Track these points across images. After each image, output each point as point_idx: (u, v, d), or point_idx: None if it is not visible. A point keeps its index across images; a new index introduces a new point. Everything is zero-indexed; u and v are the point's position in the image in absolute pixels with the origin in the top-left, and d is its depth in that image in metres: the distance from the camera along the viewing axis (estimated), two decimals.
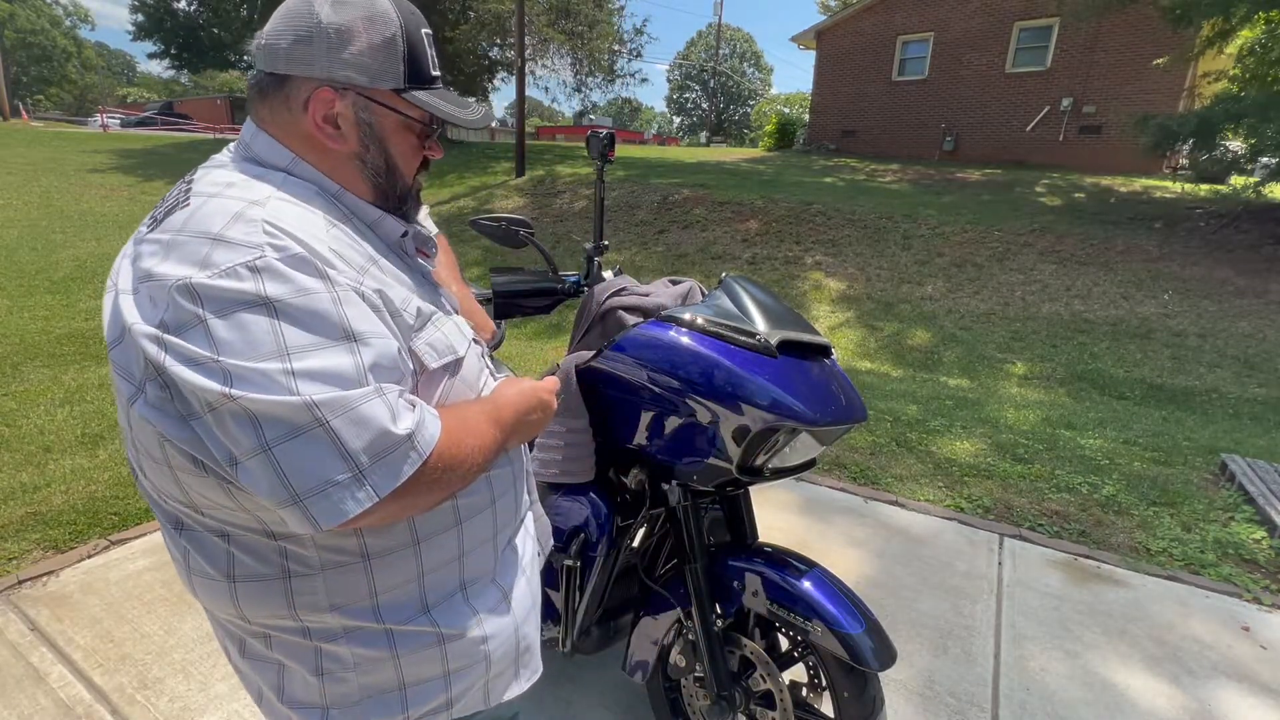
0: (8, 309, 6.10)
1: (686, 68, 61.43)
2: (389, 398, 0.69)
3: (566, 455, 1.50)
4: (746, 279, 1.45)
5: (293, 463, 0.65)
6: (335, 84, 0.79)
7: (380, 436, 0.67)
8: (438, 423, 0.75)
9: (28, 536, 2.58)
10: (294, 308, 0.66)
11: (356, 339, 0.69)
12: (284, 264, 0.67)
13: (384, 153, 0.84)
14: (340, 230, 0.78)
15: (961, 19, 15.70)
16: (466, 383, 0.88)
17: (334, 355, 0.67)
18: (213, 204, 0.72)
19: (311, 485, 0.65)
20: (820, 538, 2.88)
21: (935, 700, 1.97)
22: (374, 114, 0.82)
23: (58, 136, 20.38)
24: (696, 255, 9.40)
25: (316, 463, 0.65)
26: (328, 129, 0.80)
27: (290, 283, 0.67)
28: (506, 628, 0.96)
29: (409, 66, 0.82)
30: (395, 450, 0.68)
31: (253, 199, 0.72)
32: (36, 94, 49.37)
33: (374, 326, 0.72)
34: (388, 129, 0.84)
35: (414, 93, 0.83)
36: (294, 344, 0.65)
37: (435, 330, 0.84)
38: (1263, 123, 7.62)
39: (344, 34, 0.77)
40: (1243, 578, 2.69)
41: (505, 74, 24.57)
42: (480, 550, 0.93)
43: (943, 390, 5.37)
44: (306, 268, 0.69)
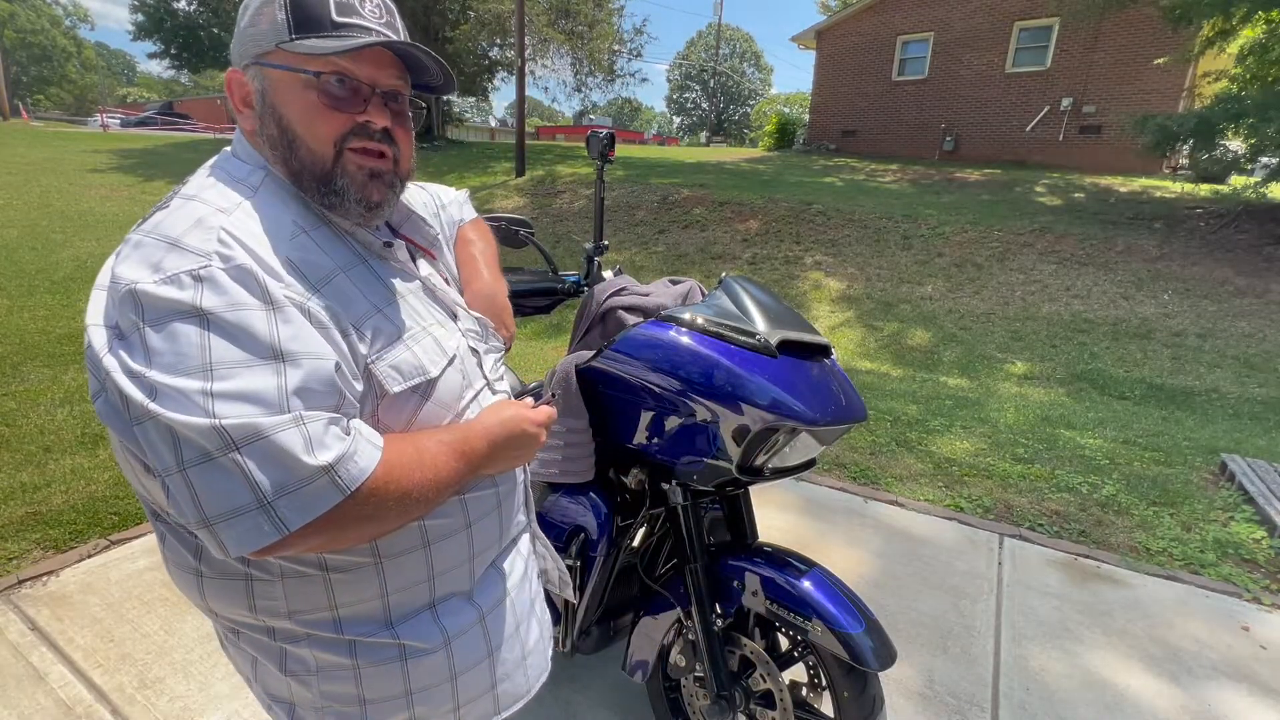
0: (8, 309, 6.10)
1: (686, 68, 61.44)
2: (309, 426, 0.65)
3: (566, 455, 1.50)
4: (746, 279, 1.45)
5: (205, 485, 0.63)
6: (242, 63, 0.77)
7: (291, 469, 0.64)
8: (376, 453, 0.70)
9: (28, 536, 2.58)
10: (226, 322, 0.64)
11: (285, 359, 0.66)
12: (226, 274, 0.65)
13: (277, 119, 0.76)
14: (308, 238, 0.75)
15: (961, 19, 15.70)
16: (442, 404, 0.83)
17: (258, 376, 0.64)
18: (186, 208, 0.71)
19: (221, 510, 0.63)
20: (820, 538, 2.88)
21: (935, 700, 1.97)
22: (265, 79, 0.76)
23: (58, 136, 20.38)
24: (696, 255, 9.40)
25: (226, 489, 0.63)
26: (244, 111, 0.77)
27: (226, 295, 0.65)
28: (479, 651, 0.91)
29: (292, 15, 0.74)
30: (309, 484, 0.64)
31: (221, 205, 0.71)
32: (36, 94, 49.37)
33: (309, 346, 0.68)
34: (278, 91, 0.76)
35: (298, 41, 0.73)
36: (219, 360, 0.63)
37: (404, 350, 0.79)
38: (1263, 122, 7.62)
39: (247, 16, 0.76)
40: (1243, 578, 2.69)
41: (505, 74, 24.58)
42: (455, 572, 0.89)
43: (943, 390, 5.37)
44: (248, 280, 0.66)
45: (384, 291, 0.81)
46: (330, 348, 0.70)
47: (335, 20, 0.74)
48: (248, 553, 0.65)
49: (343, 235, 0.81)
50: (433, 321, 0.86)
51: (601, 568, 1.54)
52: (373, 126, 0.78)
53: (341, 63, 0.75)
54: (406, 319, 0.81)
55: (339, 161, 0.77)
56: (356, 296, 0.77)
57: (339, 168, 0.78)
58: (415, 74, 0.84)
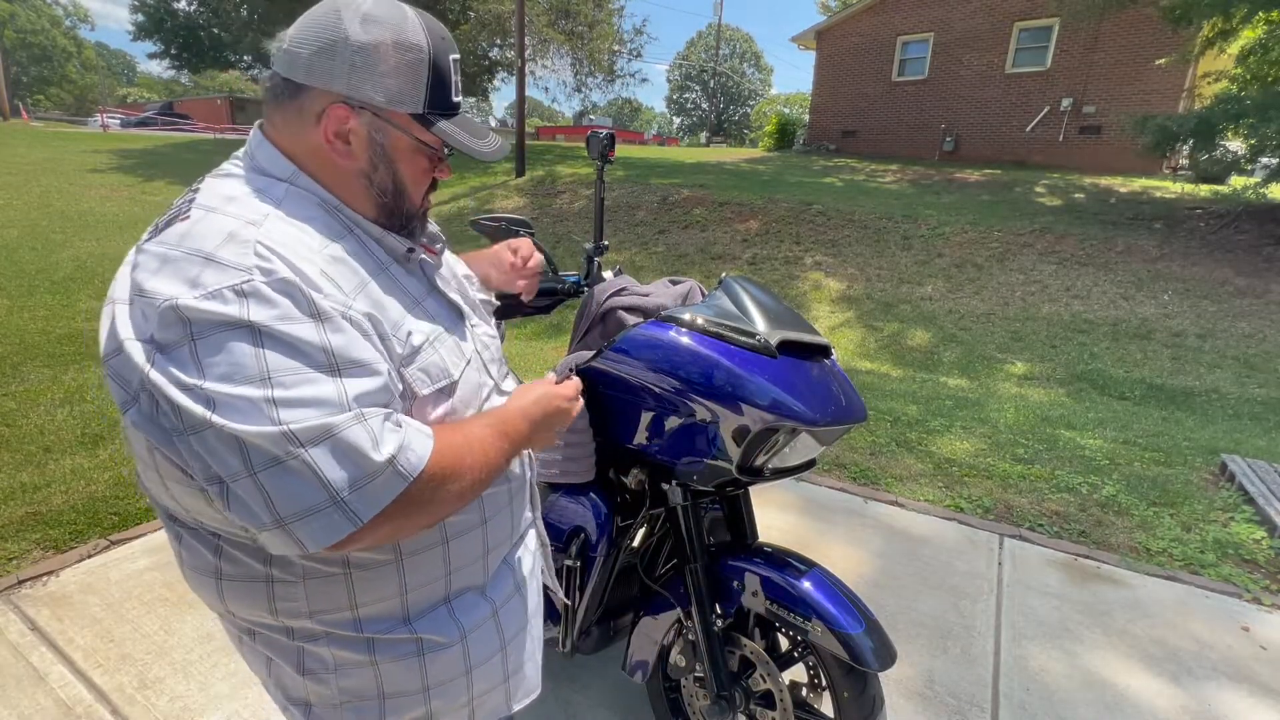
0: (8, 309, 6.10)
1: (686, 68, 61.44)
2: (371, 423, 0.68)
3: (566, 455, 1.50)
4: (746, 279, 1.45)
5: (277, 487, 0.65)
6: (352, 102, 0.77)
7: (360, 464, 0.67)
8: (428, 443, 0.73)
9: (28, 536, 2.58)
10: (278, 333, 0.66)
11: (339, 365, 0.69)
12: (270, 288, 0.67)
13: (393, 173, 0.83)
14: (338, 247, 0.78)
15: (961, 19, 15.70)
16: (464, 401, 0.87)
17: (315, 382, 0.67)
18: (210, 220, 0.71)
19: (295, 510, 0.65)
20: (820, 538, 2.88)
21: (935, 700, 1.97)
22: (388, 136, 0.81)
23: (58, 137, 20.38)
24: (696, 255, 9.40)
25: (298, 489, 0.65)
26: (338, 144, 0.79)
27: (275, 308, 0.66)
28: (493, 645, 0.94)
29: (431, 93, 0.80)
30: (376, 477, 0.68)
31: (250, 218, 0.72)
32: (36, 94, 49.36)
33: (360, 353, 0.71)
34: (400, 151, 0.82)
35: (434, 121, 0.82)
36: (276, 369, 0.65)
37: (431, 353, 0.82)
38: (1263, 123, 7.62)
39: (369, 53, 0.76)
40: (1243, 578, 2.69)
41: (505, 74, 24.60)
42: (470, 568, 0.92)
43: (943, 390, 5.37)
44: (293, 292, 0.68)
45: (407, 297, 0.84)
46: (376, 353, 0.74)
47: (454, 100, 0.84)
48: (324, 547, 0.67)
49: (367, 243, 0.83)
50: (449, 324, 0.90)
51: (601, 568, 1.54)
52: (442, 178, 0.92)
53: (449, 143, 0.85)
54: (428, 323, 0.85)
55: (421, 208, 0.90)
56: (387, 303, 0.80)
57: (420, 212, 0.90)
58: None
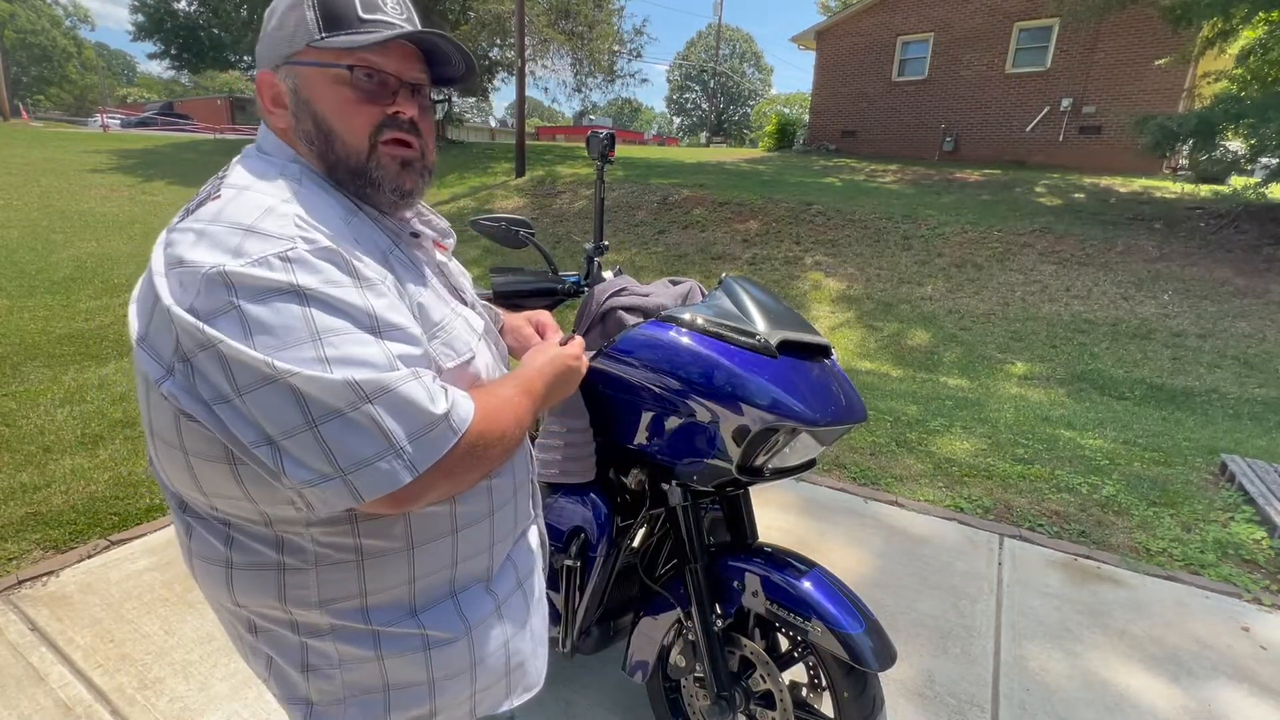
0: (8, 309, 6.10)
1: (686, 68, 61.43)
2: (425, 380, 0.71)
3: (566, 455, 1.50)
4: (746, 279, 1.45)
5: (338, 439, 0.66)
6: (271, 65, 0.80)
7: (419, 415, 0.69)
8: (470, 403, 0.76)
9: (28, 536, 2.58)
10: (326, 296, 0.67)
11: (382, 328, 0.71)
12: (315, 256, 0.68)
13: (312, 114, 0.79)
14: (358, 222, 0.80)
15: (961, 19, 15.70)
16: (480, 378, 0.89)
17: (364, 343, 0.68)
18: (245, 196, 0.72)
19: (355, 461, 0.67)
20: (820, 538, 2.88)
21: (935, 700, 1.97)
22: (297, 77, 0.79)
23: (58, 137, 20.38)
24: (696, 255, 9.40)
25: (359, 441, 0.67)
26: (276, 110, 0.81)
27: (320, 273, 0.68)
28: (496, 639, 0.95)
29: (321, 13, 0.77)
30: (433, 429, 0.70)
31: (283, 195, 0.74)
32: (37, 94, 49.36)
33: (400, 318, 0.73)
34: (311, 87, 0.79)
35: (329, 38, 0.77)
36: (325, 330, 0.66)
37: (447, 332, 0.84)
38: (1263, 123, 7.62)
39: (270, 21, 0.80)
40: (1243, 578, 2.69)
41: (505, 74, 24.56)
42: (476, 559, 0.92)
43: (943, 390, 5.37)
44: (336, 259, 0.70)
45: (419, 275, 0.86)
46: (413, 319, 0.76)
47: (362, 16, 0.78)
48: (383, 494, 0.68)
49: (376, 222, 0.84)
50: (457, 304, 0.92)
51: (601, 568, 1.54)
52: (402, 117, 0.81)
53: (371, 57, 0.78)
54: (441, 301, 0.87)
55: (374, 154, 0.81)
56: (406, 278, 0.82)
57: (374, 159, 0.81)
58: (436, 66, 0.86)
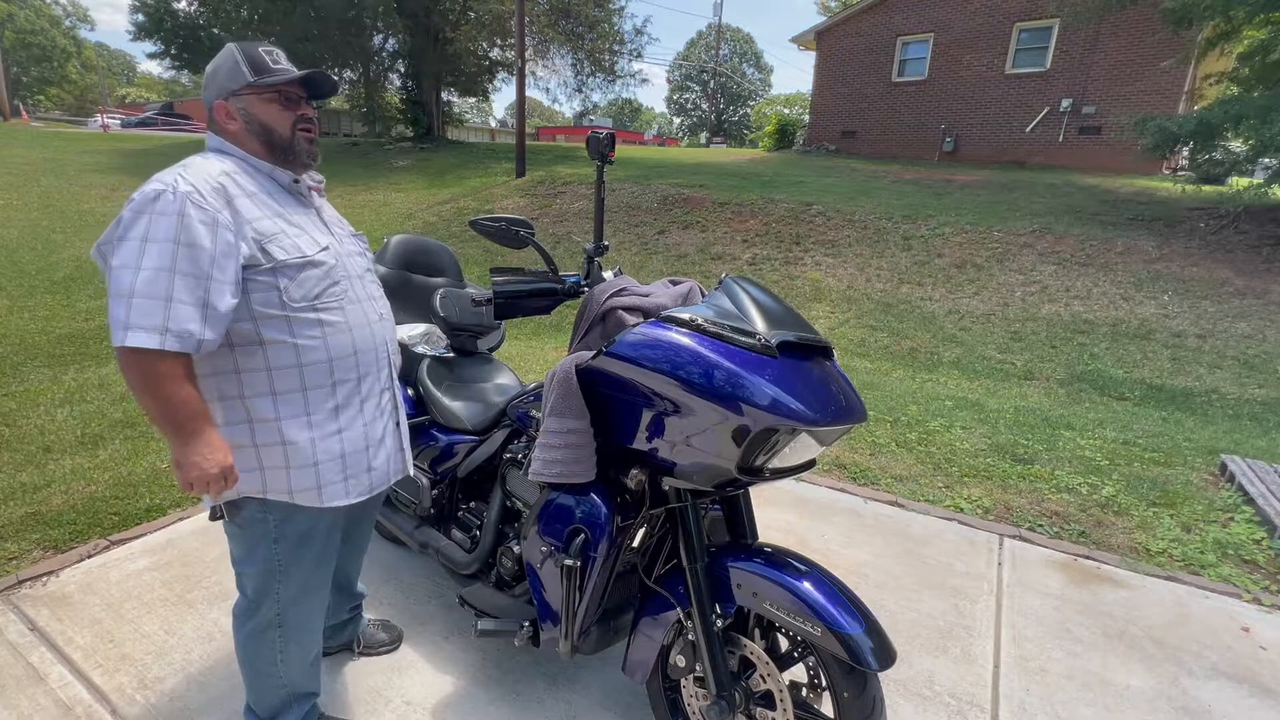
0: (8, 309, 6.10)
1: (686, 68, 61.41)
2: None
3: (566, 455, 1.50)
4: (747, 279, 1.45)
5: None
6: (221, 98, 1.38)
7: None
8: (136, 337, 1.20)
9: (28, 536, 2.58)
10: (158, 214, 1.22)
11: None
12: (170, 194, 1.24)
13: (257, 121, 1.38)
14: (231, 175, 1.33)
15: (961, 20, 15.69)
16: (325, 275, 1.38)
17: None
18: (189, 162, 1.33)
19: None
20: (820, 538, 2.88)
21: (935, 700, 1.97)
22: (242, 101, 1.38)
23: (58, 137, 20.38)
24: (696, 255, 9.41)
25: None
26: (229, 122, 1.39)
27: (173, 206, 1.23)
28: (334, 448, 1.42)
29: (251, 68, 1.36)
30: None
31: (185, 162, 1.31)
32: (37, 94, 49.33)
33: (205, 240, 1.23)
34: (253, 106, 1.38)
35: (261, 79, 1.36)
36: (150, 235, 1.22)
37: (283, 238, 1.33)
38: (1264, 124, 7.61)
39: (214, 74, 1.40)
40: (1243, 578, 2.69)
41: (505, 74, 24.58)
42: (318, 393, 1.39)
43: (943, 390, 5.37)
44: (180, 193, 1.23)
45: (278, 210, 1.37)
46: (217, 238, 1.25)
47: (271, 67, 1.38)
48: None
49: (264, 177, 1.40)
50: (313, 228, 1.42)
51: (601, 568, 1.54)
52: (307, 115, 1.44)
53: (286, 87, 1.40)
54: (291, 222, 1.38)
55: (294, 137, 1.42)
56: (257, 207, 1.33)
57: (295, 140, 1.42)
58: (312, 89, 1.45)
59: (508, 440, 1.99)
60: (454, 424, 2.16)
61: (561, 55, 22.76)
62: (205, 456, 1.25)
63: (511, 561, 1.87)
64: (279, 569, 1.49)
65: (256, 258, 1.28)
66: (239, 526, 1.45)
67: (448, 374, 2.36)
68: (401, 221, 11.87)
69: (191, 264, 1.20)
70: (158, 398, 1.20)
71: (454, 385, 2.33)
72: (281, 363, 1.35)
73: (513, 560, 1.87)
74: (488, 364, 2.49)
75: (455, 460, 2.13)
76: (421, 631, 2.19)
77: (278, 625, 1.54)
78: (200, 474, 1.25)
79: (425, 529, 2.21)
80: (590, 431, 1.49)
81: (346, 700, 1.89)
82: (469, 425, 2.12)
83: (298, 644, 1.58)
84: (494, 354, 2.61)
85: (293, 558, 1.49)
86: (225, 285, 1.23)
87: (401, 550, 2.64)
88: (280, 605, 1.52)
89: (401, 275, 2.50)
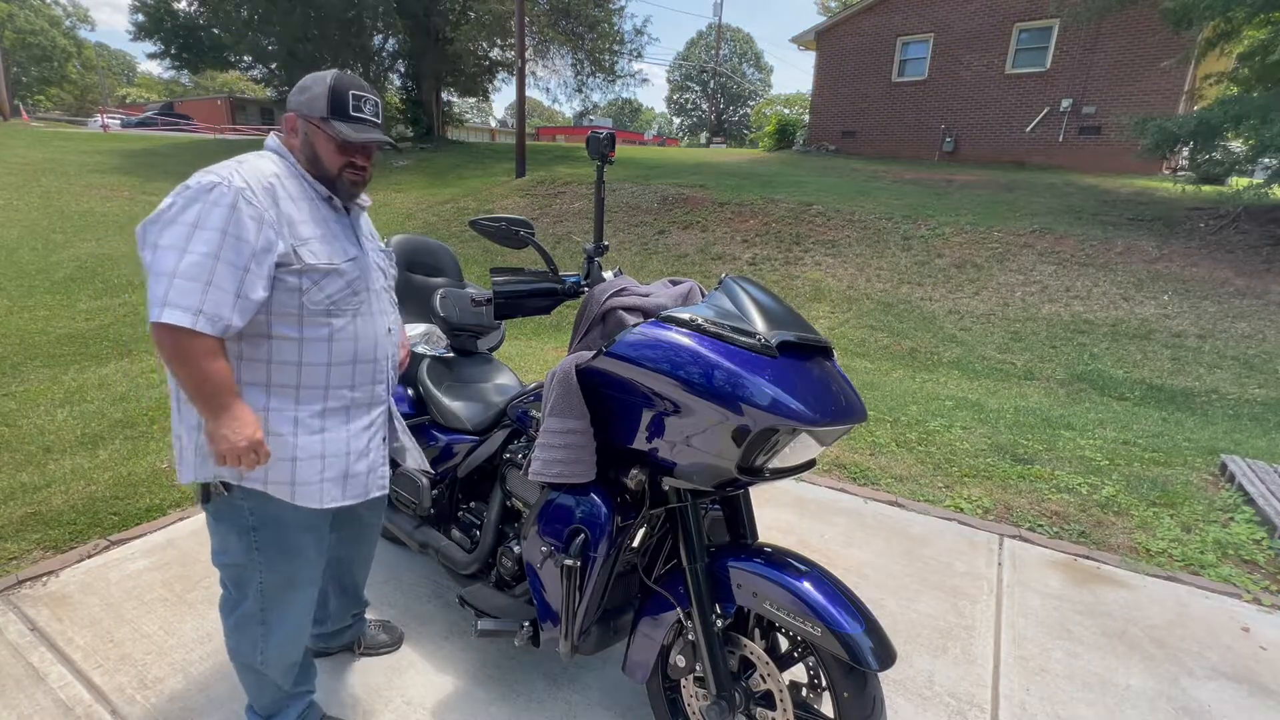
0: (8, 309, 6.10)
1: (686, 68, 61.39)
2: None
3: (566, 455, 1.50)
4: (747, 279, 1.45)
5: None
6: (296, 113, 1.47)
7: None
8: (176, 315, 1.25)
9: (28, 536, 2.58)
10: (211, 204, 1.29)
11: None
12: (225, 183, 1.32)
13: (310, 146, 1.47)
14: (280, 179, 1.41)
15: (961, 20, 15.69)
16: (350, 284, 1.46)
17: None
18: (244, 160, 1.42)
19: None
20: (820, 538, 2.88)
21: (935, 700, 1.97)
22: (306, 126, 1.47)
23: (58, 137, 20.38)
24: (696, 255, 9.41)
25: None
26: (290, 134, 1.50)
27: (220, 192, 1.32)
28: (314, 448, 1.46)
29: (330, 106, 1.43)
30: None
31: (241, 158, 1.40)
32: (37, 94, 49.32)
33: (252, 234, 1.31)
34: (313, 135, 1.46)
35: (331, 121, 1.44)
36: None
37: (316, 244, 1.41)
38: (1265, 125, 7.61)
39: (302, 90, 1.47)
40: (1243, 578, 2.69)
41: (505, 74, 24.58)
42: (311, 393, 1.45)
43: (943, 390, 5.37)
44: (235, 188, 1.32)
45: (317, 216, 1.46)
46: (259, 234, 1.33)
47: (352, 115, 1.45)
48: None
49: (309, 185, 1.48)
50: (345, 239, 1.50)
51: (601, 568, 1.54)
52: (358, 164, 1.50)
53: (348, 142, 1.46)
54: (327, 229, 1.46)
55: (340, 176, 1.49)
56: (295, 211, 1.41)
57: (340, 180, 1.50)
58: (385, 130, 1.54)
59: (508, 440, 1.99)
60: (454, 424, 2.16)
61: (561, 55, 22.77)
62: (234, 430, 1.31)
63: (511, 561, 1.87)
64: (258, 559, 1.50)
65: (290, 257, 1.36)
66: (215, 519, 1.49)
67: (448, 374, 2.36)
68: (401, 221, 11.88)
69: (235, 254, 1.28)
70: (189, 371, 1.27)
71: (454, 385, 2.33)
72: (283, 358, 1.41)
73: (513, 560, 1.87)
74: (488, 364, 2.50)
75: (455, 460, 2.13)
76: (421, 631, 2.19)
77: (260, 621, 1.54)
78: (230, 446, 1.31)
79: (425, 529, 2.22)
80: (590, 431, 1.49)
81: (347, 700, 1.89)
82: (469, 425, 2.12)
83: (279, 641, 1.58)
84: (494, 354, 2.61)
85: (272, 548, 1.50)
86: (260, 279, 1.32)
87: (401, 550, 2.64)
88: (263, 599, 1.53)
89: (402, 275, 2.50)
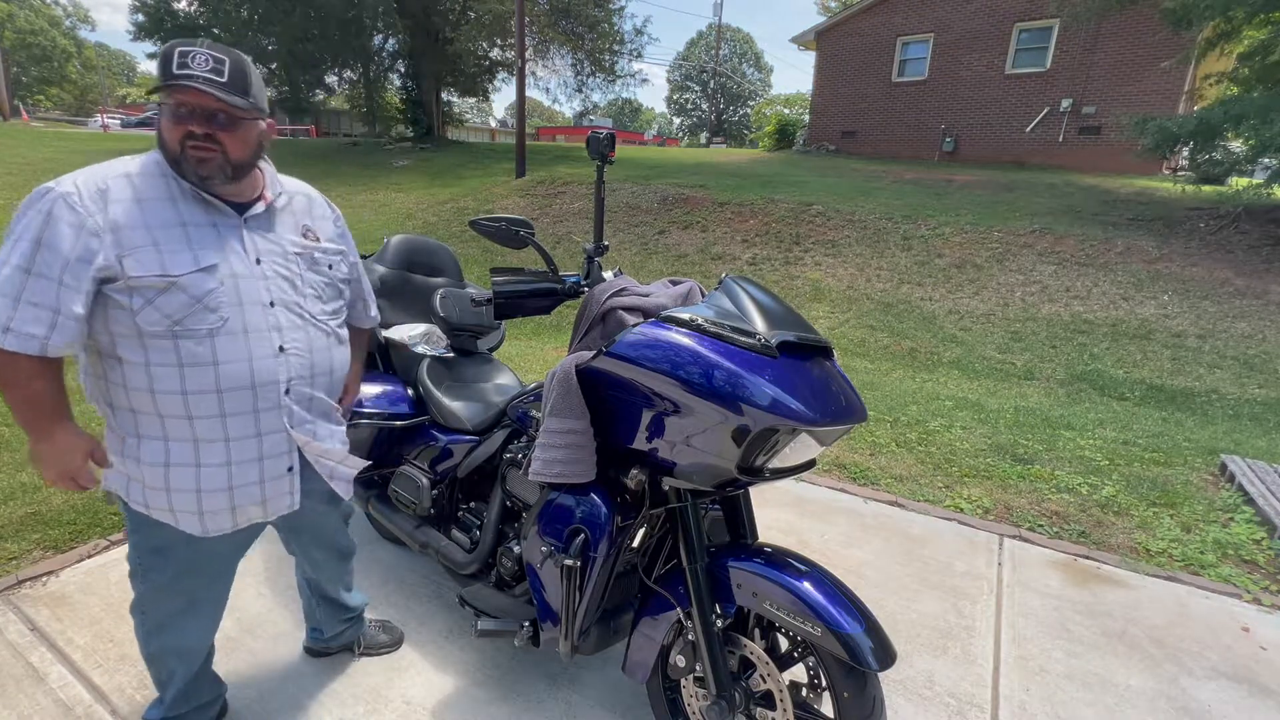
0: None
1: (686, 68, 61.39)
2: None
3: (566, 455, 1.50)
4: (747, 279, 1.45)
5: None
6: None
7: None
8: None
9: (28, 536, 2.58)
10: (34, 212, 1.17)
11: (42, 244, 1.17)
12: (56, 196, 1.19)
13: (159, 129, 1.28)
14: (132, 177, 1.26)
15: (961, 20, 15.69)
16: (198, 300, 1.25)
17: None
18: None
19: None
20: (820, 538, 2.88)
21: (935, 700, 1.97)
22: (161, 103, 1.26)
23: (58, 137, 20.38)
24: (696, 256, 9.41)
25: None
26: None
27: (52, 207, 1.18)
28: (188, 482, 1.33)
29: (160, 71, 1.23)
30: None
31: (118, 158, 1.28)
32: (37, 94, 49.32)
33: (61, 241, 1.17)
34: (162, 111, 1.26)
35: (161, 90, 1.22)
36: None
37: (150, 253, 1.22)
38: (1265, 125, 7.61)
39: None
40: (1243, 578, 2.69)
41: (505, 74, 24.58)
42: (176, 423, 1.30)
43: (943, 390, 5.37)
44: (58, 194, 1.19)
45: (166, 219, 1.26)
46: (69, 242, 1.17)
47: (174, 73, 1.21)
48: None
49: (169, 184, 1.29)
50: (206, 247, 1.28)
51: (601, 568, 1.54)
52: (195, 132, 1.25)
53: (176, 95, 1.23)
54: (165, 236, 1.25)
55: (182, 153, 1.26)
56: (132, 217, 1.22)
57: (183, 156, 1.26)
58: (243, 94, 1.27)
59: (508, 440, 1.99)
60: (454, 424, 2.16)
61: (561, 55, 22.77)
62: (53, 458, 1.28)
63: (511, 561, 1.87)
64: (137, 565, 1.48)
65: (114, 269, 1.19)
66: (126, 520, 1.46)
67: (448, 374, 2.37)
68: (401, 221, 11.87)
69: (47, 266, 1.16)
70: (8, 393, 1.21)
71: (454, 385, 2.33)
72: (136, 384, 1.27)
73: (513, 560, 1.87)
74: (488, 364, 2.50)
75: (455, 460, 2.13)
76: (421, 631, 2.19)
77: (140, 610, 1.53)
78: (48, 473, 1.30)
79: (425, 529, 2.22)
80: (590, 431, 1.49)
81: (347, 700, 1.89)
82: (469, 425, 2.12)
83: (159, 641, 1.56)
84: (494, 354, 2.62)
85: (148, 563, 1.47)
86: (77, 292, 1.18)
87: (401, 550, 2.64)
88: (144, 599, 1.52)
89: (401, 275, 2.50)
